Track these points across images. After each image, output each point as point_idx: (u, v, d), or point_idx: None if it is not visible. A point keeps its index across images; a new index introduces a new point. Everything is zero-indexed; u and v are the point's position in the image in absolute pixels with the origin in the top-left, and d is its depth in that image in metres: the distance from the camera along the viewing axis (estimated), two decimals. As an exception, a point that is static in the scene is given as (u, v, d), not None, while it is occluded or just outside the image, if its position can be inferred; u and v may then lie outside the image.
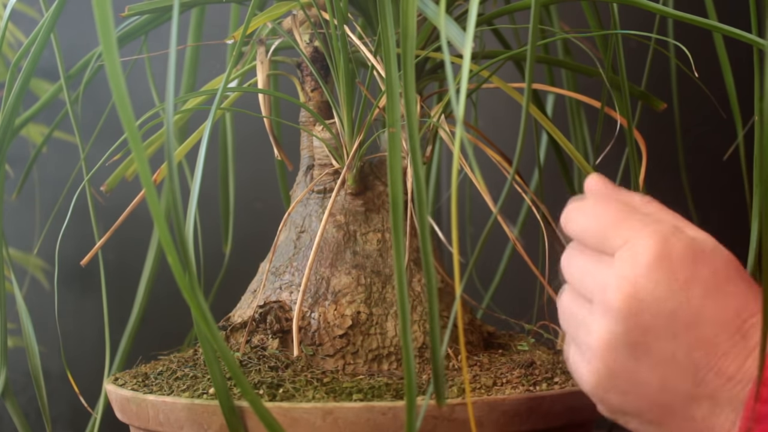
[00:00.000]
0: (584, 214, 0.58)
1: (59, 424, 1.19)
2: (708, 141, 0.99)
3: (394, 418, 0.58)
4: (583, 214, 0.58)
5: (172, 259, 0.47)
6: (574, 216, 0.59)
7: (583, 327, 0.56)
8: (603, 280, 0.55)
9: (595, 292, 0.56)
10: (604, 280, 0.55)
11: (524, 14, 0.83)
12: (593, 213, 0.57)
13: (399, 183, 0.50)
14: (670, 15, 0.67)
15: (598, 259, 0.56)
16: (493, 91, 0.79)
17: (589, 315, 0.56)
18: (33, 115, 0.83)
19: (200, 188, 0.56)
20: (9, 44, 1.13)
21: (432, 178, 1.09)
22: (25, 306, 0.79)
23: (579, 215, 0.58)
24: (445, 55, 0.49)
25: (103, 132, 0.89)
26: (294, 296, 0.70)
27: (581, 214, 0.58)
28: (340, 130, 0.71)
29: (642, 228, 0.55)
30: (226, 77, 0.64)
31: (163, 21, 0.79)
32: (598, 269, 0.56)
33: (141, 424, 0.65)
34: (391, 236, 0.71)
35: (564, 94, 0.85)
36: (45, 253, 1.15)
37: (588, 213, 0.58)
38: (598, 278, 0.56)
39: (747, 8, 0.69)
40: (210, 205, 1.05)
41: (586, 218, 0.58)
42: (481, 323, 0.75)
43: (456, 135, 0.46)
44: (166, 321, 1.04)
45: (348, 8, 0.68)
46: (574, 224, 0.58)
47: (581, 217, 0.58)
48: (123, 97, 0.45)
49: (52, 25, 0.73)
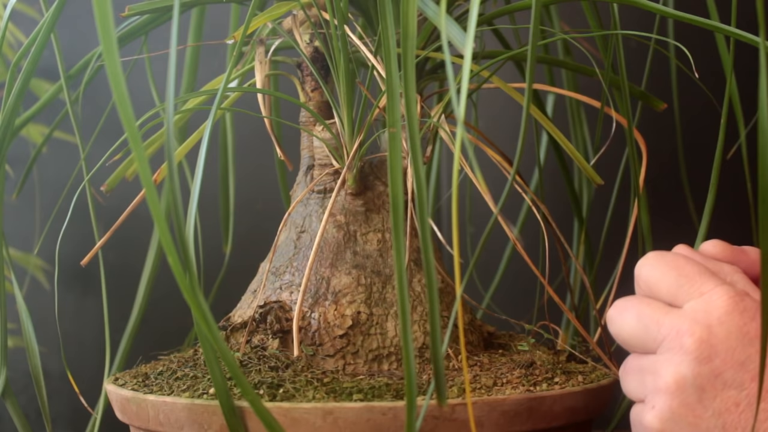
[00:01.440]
0: (666, 264, 0.59)
1: (59, 424, 1.19)
2: (708, 141, 0.99)
3: (395, 418, 0.58)
4: (665, 264, 0.59)
5: (172, 259, 0.47)
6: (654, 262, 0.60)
7: (651, 374, 0.57)
8: (675, 325, 0.57)
9: (665, 337, 0.57)
10: (676, 325, 0.56)
11: (524, 14, 0.83)
12: (675, 265, 0.59)
13: (399, 183, 0.50)
14: (670, 15, 0.67)
15: (666, 310, 0.58)
16: (493, 91, 0.79)
17: (658, 361, 0.57)
18: (33, 115, 0.83)
19: (200, 188, 0.56)
20: (9, 44, 1.13)
21: (432, 178, 1.09)
22: (25, 306, 0.79)
23: (660, 263, 0.59)
24: (446, 56, 0.49)
25: (103, 132, 0.89)
26: (294, 296, 0.70)
27: (663, 263, 0.59)
28: (340, 130, 0.71)
29: (719, 284, 0.57)
30: (226, 77, 0.64)
31: (163, 21, 0.79)
32: (668, 318, 0.57)
33: (141, 424, 0.65)
34: (391, 236, 0.71)
35: (564, 94, 0.85)
36: (45, 253, 1.15)
37: (670, 264, 0.59)
38: (668, 324, 0.57)
39: (747, 8, 0.69)
40: (210, 205, 1.05)
41: (668, 268, 0.59)
42: (481, 323, 0.75)
43: (456, 135, 0.46)
44: (166, 321, 1.04)
45: (348, 8, 0.68)
46: (651, 271, 0.60)
47: (662, 266, 0.59)
48: (123, 97, 0.45)
49: (52, 25, 0.73)
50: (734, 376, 0.55)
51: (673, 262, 0.59)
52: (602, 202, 0.97)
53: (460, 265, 0.50)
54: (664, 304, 0.59)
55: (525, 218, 1.04)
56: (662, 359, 0.57)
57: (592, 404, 0.65)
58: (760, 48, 0.50)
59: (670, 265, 0.59)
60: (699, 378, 0.55)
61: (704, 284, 0.57)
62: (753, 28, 0.58)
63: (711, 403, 0.55)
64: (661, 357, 0.57)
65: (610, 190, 0.94)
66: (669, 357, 0.56)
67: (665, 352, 0.57)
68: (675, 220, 1.01)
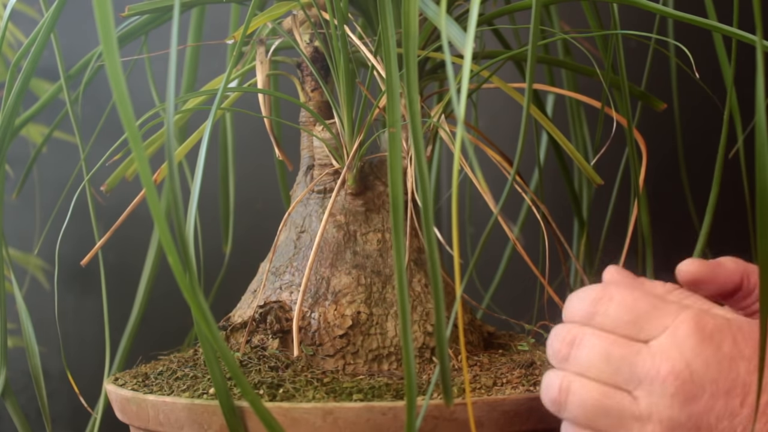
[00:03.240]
0: (615, 304, 0.57)
1: (59, 424, 1.19)
2: (708, 141, 0.99)
3: (395, 418, 0.58)
4: (614, 304, 0.57)
5: (173, 259, 0.47)
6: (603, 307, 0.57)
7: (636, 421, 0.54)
8: (650, 366, 0.54)
9: (640, 379, 0.54)
10: (652, 366, 0.54)
11: (524, 14, 0.83)
12: (623, 303, 0.57)
13: (399, 183, 0.50)
14: (670, 15, 0.67)
15: (630, 346, 0.55)
16: (493, 91, 0.79)
17: (641, 408, 0.54)
18: (33, 115, 0.83)
19: (200, 188, 0.56)
20: (9, 44, 1.13)
21: (432, 178, 1.09)
22: (25, 306, 0.79)
23: (609, 305, 0.57)
24: (446, 56, 0.49)
25: (103, 132, 0.89)
26: (294, 296, 0.70)
27: (611, 304, 0.57)
28: (340, 130, 0.71)
29: (677, 313, 0.55)
30: (226, 77, 0.64)
31: (163, 21, 0.79)
32: (636, 358, 0.55)
33: (141, 424, 0.65)
34: (391, 236, 0.71)
35: (564, 94, 0.85)
36: (45, 253, 1.15)
37: (619, 303, 0.57)
38: (640, 364, 0.54)
39: (747, 8, 0.69)
40: (210, 205, 1.05)
41: (617, 308, 0.56)
42: (481, 323, 0.75)
43: (457, 135, 0.46)
44: (166, 321, 1.04)
45: (348, 8, 0.68)
46: (603, 316, 0.57)
47: (612, 307, 0.57)
48: (123, 97, 0.45)
49: (52, 25, 0.73)
50: (725, 406, 0.53)
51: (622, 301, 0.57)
52: (602, 202, 0.97)
53: (460, 265, 0.50)
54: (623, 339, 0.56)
55: (525, 218, 1.04)
56: (647, 405, 0.54)
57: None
58: (757, 47, 0.50)
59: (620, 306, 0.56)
60: (692, 419, 0.53)
61: (664, 317, 0.55)
62: (753, 28, 0.58)
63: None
64: (645, 402, 0.54)
65: (610, 190, 0.94)
66: (654, 402, 0.54)
67: (648, 397, 0.54)
68: (675, 220, 1.01)
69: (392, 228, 0.49)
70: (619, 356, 0.55)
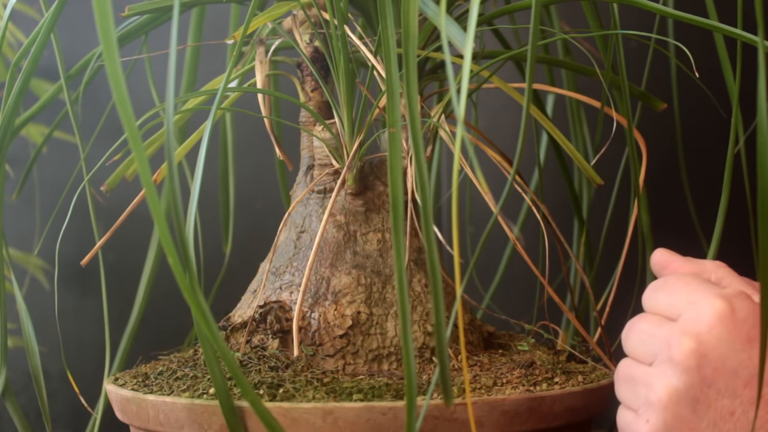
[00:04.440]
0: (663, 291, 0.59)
1: (59, 424, 1.19)
2: (708, 141, 0.99)
3: (395, 418, 0.58)
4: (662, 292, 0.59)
5: (172, 259, 0.47)
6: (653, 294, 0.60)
7: (643, 386, 0.57)
8: (666, 337, 0.56)
9: (658, 350, 0.57)
10: (667, 337, 0.56)
11: (524, 14, 0.83)
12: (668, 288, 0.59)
13: (399, 183, 0.50)
14: (670, 15, 0.67)
15: (661, 323, 0.58)
16: (493, 91, 0.79)
17: (650, 374, 0.57)
18: (33, 115, 0.83)
19: (200, 188, 0.56)
20: (9, 44, 1.13)
21: (432, 178, 1.09)
22: (25, 306, 0.79)
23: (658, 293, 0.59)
24: (446, 56, 0.49)
25: (103, 132, 0.89)
26: (294, 296, 0.70)
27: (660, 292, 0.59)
28: (340, 130, 0.71)
29: (708, 291, 0.57)
30: (226, 77, 0.64)
31: (163, 21, 0.79)
32: (661, 330, 0.57)
33: (141, 424, 0.65)
34: (391, 236, 0.71)
35: (564, 94, 0.85)
36: (45, 253, 1.15)
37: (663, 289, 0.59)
38: (661, 337, 0.57)
39: (747, 8, 0.69)
40: (210, 205, 1.05)
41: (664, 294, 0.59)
42: (481, 323, 0.75)
43: (457, 135, 0.46)
44: (166, 321, 1.04)
45: (348, 8, 0.68)
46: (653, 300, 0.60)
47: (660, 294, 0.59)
48: (123, 97, 0.45)
49: (52, 25, 0.73)
50: (727, 384, 0.54)
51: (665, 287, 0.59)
52: (602, 202, 0.97)
53: (460, 265, 0.50)
54: (659, 318, 0.58)
55: (525, 218, 1.04)
56: (654, 372, 0.56)
57: (592, 404, 0.65)
58: (759, 48, 0.50)
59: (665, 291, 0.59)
60: (691, 389, 0.55)
61: (692, 293, 0.57)
62: (753, 28, 0.58)
63: (705, 414, 0.55)
64: (654, 370, 0.57)
65: (610, 190, 0.94)
66: (661, 370, 0.56)
67: (658, 365, 0.56)
68: (675, 220, 1.01)
69: (392, 228, 0.49)
70: (645, 329, 0.58)
